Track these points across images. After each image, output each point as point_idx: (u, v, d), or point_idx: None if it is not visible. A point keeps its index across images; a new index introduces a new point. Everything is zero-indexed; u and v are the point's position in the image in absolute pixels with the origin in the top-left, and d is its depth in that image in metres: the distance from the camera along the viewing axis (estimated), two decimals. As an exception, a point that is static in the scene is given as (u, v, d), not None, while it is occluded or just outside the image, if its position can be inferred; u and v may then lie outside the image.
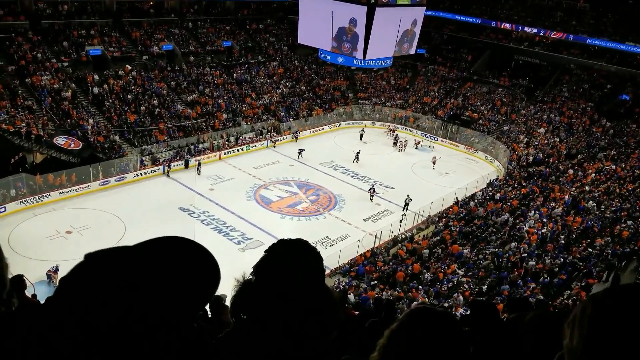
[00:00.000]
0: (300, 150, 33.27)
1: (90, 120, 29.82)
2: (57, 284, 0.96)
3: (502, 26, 44.00)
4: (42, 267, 18.70)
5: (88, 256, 0.97)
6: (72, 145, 27.36)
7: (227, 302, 1.45)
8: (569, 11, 43.86)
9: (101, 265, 0.95)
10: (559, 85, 40.89)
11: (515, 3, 46.10)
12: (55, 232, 22.17)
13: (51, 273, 18.33)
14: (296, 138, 36.79)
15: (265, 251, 1.31)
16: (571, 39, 41.21)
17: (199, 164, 29.95)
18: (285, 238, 1.36)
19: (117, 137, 29.87)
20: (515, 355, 1.09)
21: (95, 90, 31.95)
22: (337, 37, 31.78)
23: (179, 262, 1.00)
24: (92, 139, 28.74)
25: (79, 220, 23.39)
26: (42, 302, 1.06)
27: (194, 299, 1.01)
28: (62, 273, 16.12)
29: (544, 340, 1.09)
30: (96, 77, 32.74)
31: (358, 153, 33.32)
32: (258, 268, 1.28)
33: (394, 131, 39.26)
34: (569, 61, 41.77)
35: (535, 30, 42.77)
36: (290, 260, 1.28)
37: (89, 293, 0.91)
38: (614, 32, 40.07)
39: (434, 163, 33.67)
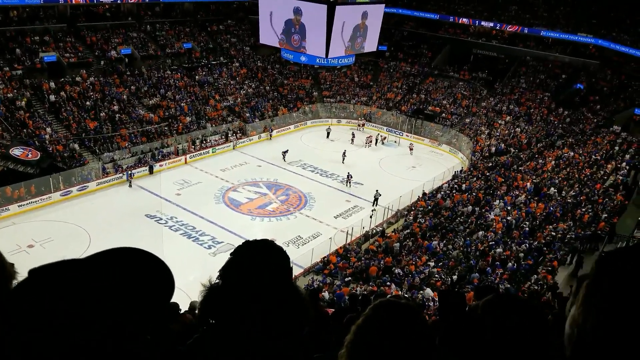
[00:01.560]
0: (284, 152, 33.01)
1: (48, 129, 28.85)
2: None
3: (460, 21, 44.96)
4: (3, 283, 17.96)
5: (32, 272, 0.93)
6: (30, 155, 26.39)
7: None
8: (523, 4, 45.16)
9: (45, 282, 0.91)
10: (516, 77, 42.07)
11: (472, -2, 47.16)
12: (16, 247, 21.32)
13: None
14: (270, 136, 36.78)
15: (231, 254, 1.30)
16: (526, 31, 42.48)
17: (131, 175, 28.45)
18: (251, 239, 1.34)
19: (76, 146, 28.99)
20: (480, 342, 1.11)
21: (52, 97, 30.93)
22: (285, 30, 31.83)
23: (127, 273, 0.97)
24: (50, 149, 27.81)
25: (41, 234, 22.60)
26: None
27: (146, 310, 0.97)
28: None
29: (501, 322, 1.12)
30: (52, 84, 31.68)
31: (344, 153, 33.29)
32: (224, 271, 1.27)
33: (363, 125, 39.62)
34: (525, 53, 43.04)
35: (491, 25, 43.88)
36: (256, 261, 1.27)
37: (30, 312, 0.87)
38: (567, 24, 41.52)
39: (411, 149, 35.15)
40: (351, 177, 30.09)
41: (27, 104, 29.63)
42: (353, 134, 37.41)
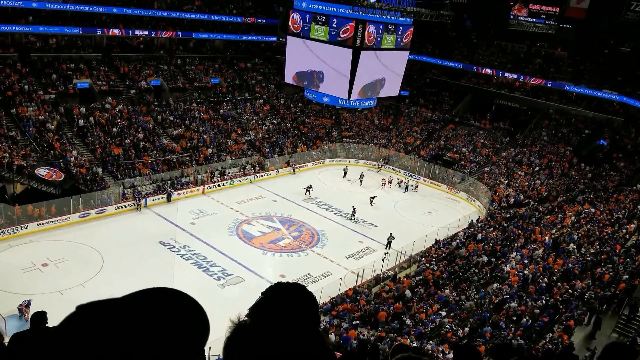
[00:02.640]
0: (308, 188, 33.33)
1: (74, 152, 29.64)
2: (29, 319, 0.96)
3: (483, 71, 45.48)
4: (15, 300, 18.14)
5: (80, 308, 0.96)
6: (54, 176, 27.07)
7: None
8: (548, 59, 45.60)
9: (93, 319, 0.94)
10: (538, 129, 42.00)
11: (496, 50, 47.84)
12: (30, 265, 21.61)
13: (23, 307, 17.73)
14: (293, 170, 37.38)
15: (262, 293, 1.30)
16: (550, 85, 42.67)
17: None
18: (283, 282, 1.36)
19: (99, 169, 29.64)
20: None
21: (81, 122, 31.92)
22: (307, 73, 32.94)
23: (170, 316, 1.00)
24: (74, 171, 28.48)
25: (56, 253, 22.88)
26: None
27: (185, 353, 1.00)
28: (34, 307, 15.64)
29: None
30: (82, 109, 32.76)
31: (373, 198, 33.38)
32: (254, 310, 1.26)
33: (382, 167, 39.77)
34: (548, 106, 43.09)
35: (515, 76, 44.24)
36: (287, 304, 1.27)
37: (80, 347, 0.90)
38: (591, 80, 41.65)
39: (415, 187, 36.83)
40: (356, 210, 30.62)
41: (56, 127, 30.61)
42: (362, 174, 37.41)
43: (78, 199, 26.71)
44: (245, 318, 1.26)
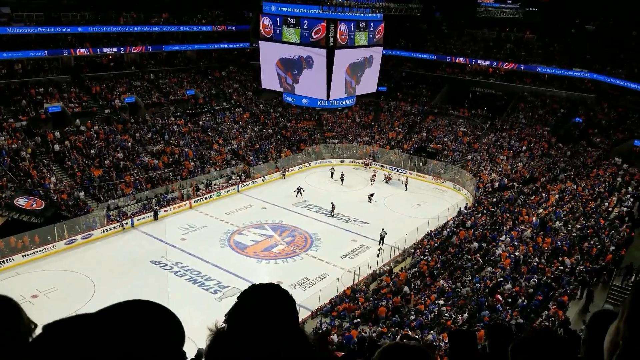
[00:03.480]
0: (299, 189, 33.47)
1: (53, 179, 29.09)
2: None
3: (457, 60, 45.99)
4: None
5: (46, 328, 0.95)
6: (34, 205, 26.51)
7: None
8: (518, 43, 46.32)
9: (59, 338, 0.93)
10: (515, 113, 42.60)
11: (467, 38, 48.42)
12: (20, 297, 21.08)
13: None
14: (284, 175, 37.49)
15: (237, 298, 1.30)
16: (522, 68, 43.36)
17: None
18: (257, 283, 1.35)
19: (81, 194, 29.13)
20: None
21: (57, 147, 31.35)
22: (283, 74, 32.98)
23: (138, 326, 0.99)
24: (55, 197, 27.95)
25: (45, 283, 22.39)
26: None
27: None
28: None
29: None
30: (57, 134, 32.18)
31: (372, 195, 33.74)
32: (230, 316, 1.27)
33: (369, 164, 39.86)
34: (523, 89, 43.78)
35: (488, 63, 44.85)
36: (262, 306, 1.26)
37: None
38: (561, 60, 42.43)
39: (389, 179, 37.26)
40: (334, 207, 31.09)
41: (31, 154, 30.01)
42: (342, 173, 37.45)
43: (62, 225, 26.19)
44: (223, 324, 1.26)
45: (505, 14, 43.57)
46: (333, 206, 31.26)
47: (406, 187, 36.35)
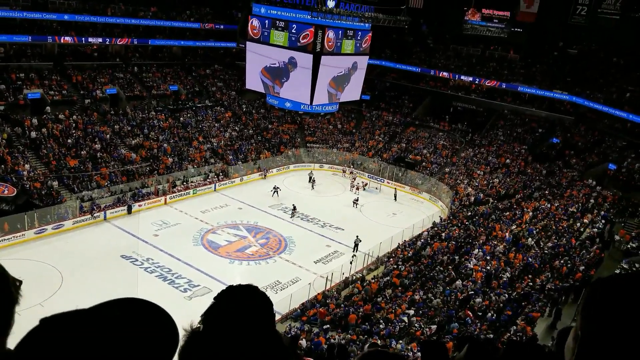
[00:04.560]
0: (276, 189, 33.78)
1: (27, 166, 28.43)
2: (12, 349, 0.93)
3: (440, 74, 46.62)
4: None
5: (43, 321, 0.93)
6: (6, 192, 25.87)
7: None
8: (501, 61, 47.18)
9: (57, 331, 0.92)
10: (494, 130, 43.30)
11: (452, 54, 49.13)
12: (-18, 286, 20.49)
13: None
14: (265, 176, 37.42)
15: (214, 298, 1.26)
16: (504, 86, 44.16)
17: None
18: (235, 284, 1.32)
19: (55, 183, 28.53)
20: None
21: (33, 134, 30.67)
22: (270, 77, 33.01)
23: (137, 326, 0.98)
24: (27, 185, 27.31)
25: (11, 272, 21.51)
26: None
27: None
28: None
29: None
30: (34, 121, 31.50)
31: (357, 200, 34.30)
32: (206, 316, 1.23)
33: (351, 173, 39.91)
34: (503, 107, 44.55)
35: (471, 79, 45.54)
36: (239, 307, 1.24)
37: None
38: (543, 81, 43.35)
39: (364, 186, 37.13)
40: (296, 208, 31.16)
41: (6, 140, 29.30)
42: (312, 178, 37.50)
43: (33, 214, 25.59)
44: (198, 325, 1.23)
45: (491, 33, 44.45)
46: (294, 208, 31.28)
47: (395, 198, 36.54)
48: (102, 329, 0.95)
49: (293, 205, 31.45)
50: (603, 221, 28.48)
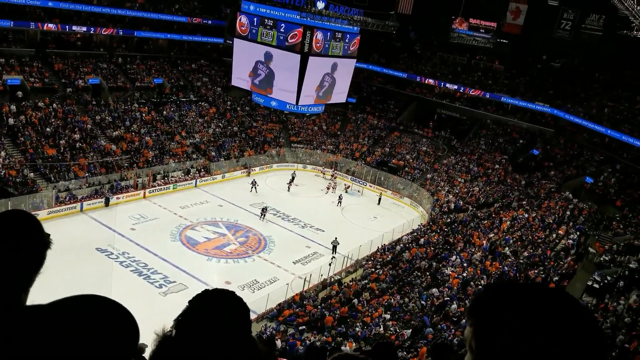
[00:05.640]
0: (253, 183, 34.14)
1: (2, 153, 27.76)
2: None
3: (426, 81, 47.00)
4: None
5: None
6: (-21, 178, 25.22)
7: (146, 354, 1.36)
8: (486, 71, 47.77)
9: (10, 329, 0.90)
10: (476, 138, 43.81)
11: (438, 61, 49.57)
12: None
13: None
14: (249, 173, 37.26)
15: (188, 302, 1.24)
16: (488, 96, 44.71)
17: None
18: (210, 288, 1.29)
19: (31, 173, 27.90)
20: None
21: (11, 121, 29.98)
22: (255, 74, 32.85)
23: (94, 321, 0.96)
24: (2, 173, 26.66)
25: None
26: None
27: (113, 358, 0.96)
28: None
29: None
30: (13, 107, 30.79)
31: (340, 198, 34.86)
32: (179, 321, 1.20)
33: (334, 176, 39.78)
34: (486, 116, 45.10)
35: (455, 87, 46.00)
36: (213, 312, 1.20)
37: None
38: (525, 92, 44.01)
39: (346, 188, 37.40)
40: (266, 210, 30.51)
41: (-18, 125, 28.60)
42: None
43: (6, 203, 24.98)
44: (171, 329, 1.20)
45: (477, 43, 45.02)
46: (264, 209, 30.57)
47: (379, 202, 36.64)
48: (57, 326, 0.91)
49: (264, 207, 30.79)
50: (578, 233, 29.01)
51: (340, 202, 34.50)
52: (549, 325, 0.90)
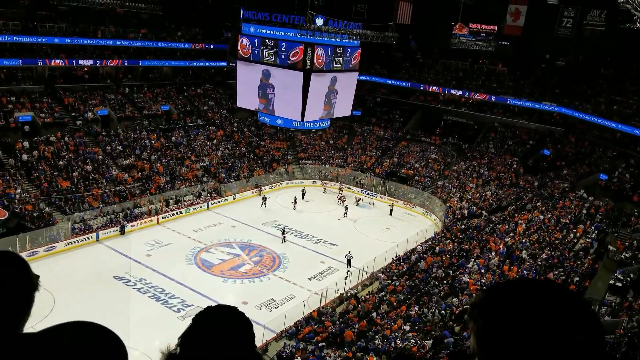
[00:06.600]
0: (264, 199, 34.72)
1: (18, 189, 28.24)
2: None
3: (430, 89, 47.08)
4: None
5: None
6: (-4, 215, 25.65)
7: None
8: (490, 74, 47.74)
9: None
10: (485, 142, 43.61)
11: (441, 68, 49.68)
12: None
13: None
14: (259, 192, 37.46)
15: (192, 320, 1.26)
16: (493, 99, 44.60)
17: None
18: (213, 305, 1.32)
19: (46, 205, 28.31)
20: None
21: (25, 157, 30.55)
22: (261, 95, 33.19)
23: (83, 348, 0.98)
24: (19, 208, 27.10)
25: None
26: None
27: None
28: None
29: None
30: (26, 143, 31.39)
31: (346, 209, 35.26)
32: (184, 338, 1.22)
33: (341, 190, 39.77)
34: (493, 120, 44.94)
35: (460, 92, 45.99)
36: (217, 329, 1.22)
37: None
38: (531, 93, 43.86)
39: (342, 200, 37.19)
40: (286, 232, 30.14)
41: (-3, 163, 29.16)
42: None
43: (24, 237, 25.36)
44: (175, 348, 1.22)
45: (478, 47, 45.04)
46: (284, 231, 30.32)
47: (391, 213, 36.52)
48: (46, 353, 0.94)
49: (283, 228, 30.67)
50: (596, 232, 28.58)
51: (347, 214, 34.35)
52: (548, 325, 0.92)
